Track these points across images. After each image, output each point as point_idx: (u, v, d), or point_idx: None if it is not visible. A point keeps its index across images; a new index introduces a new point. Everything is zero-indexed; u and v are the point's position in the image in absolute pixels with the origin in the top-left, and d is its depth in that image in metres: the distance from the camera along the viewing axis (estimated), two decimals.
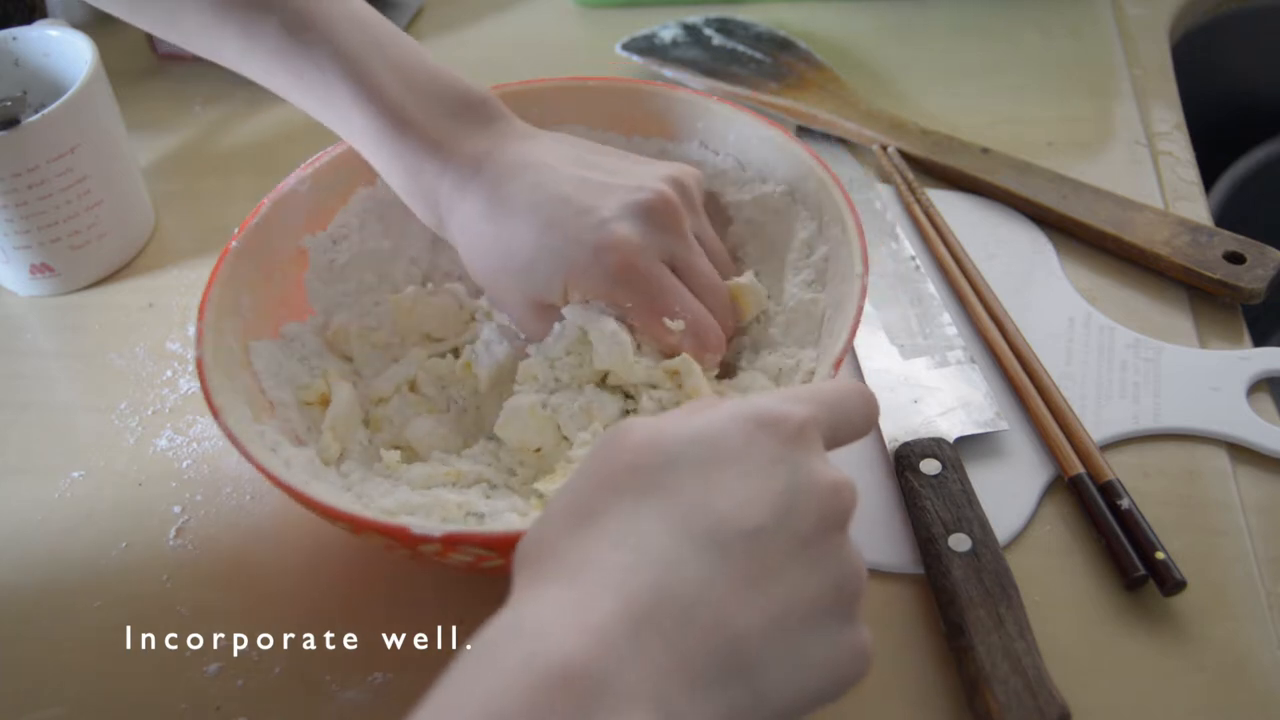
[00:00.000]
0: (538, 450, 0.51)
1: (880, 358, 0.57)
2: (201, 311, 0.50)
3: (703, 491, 0.35)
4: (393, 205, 0.57)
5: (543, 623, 0.32)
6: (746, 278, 0.53)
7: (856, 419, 0.40)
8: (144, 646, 0.50)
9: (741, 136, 0.58)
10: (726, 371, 0.53)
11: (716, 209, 0.58)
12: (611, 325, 0.49)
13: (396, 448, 0.53)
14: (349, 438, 0.52)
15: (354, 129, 0.52)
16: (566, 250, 0.49)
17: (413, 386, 0.55)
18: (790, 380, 0.51)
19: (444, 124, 0.52)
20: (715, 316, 0.51)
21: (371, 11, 0.53)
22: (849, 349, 0.47)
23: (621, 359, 0.49)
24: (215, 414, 0.47)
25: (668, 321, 0.49)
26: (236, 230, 0.53)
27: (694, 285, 0.51)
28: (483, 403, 0.54)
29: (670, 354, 0.50)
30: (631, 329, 0.50)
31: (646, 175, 0.51)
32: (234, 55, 0.53)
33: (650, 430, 0.37)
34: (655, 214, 0.50)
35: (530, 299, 0.51)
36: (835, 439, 0.39)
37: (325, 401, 0.53)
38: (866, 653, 0.36)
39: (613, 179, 0.51)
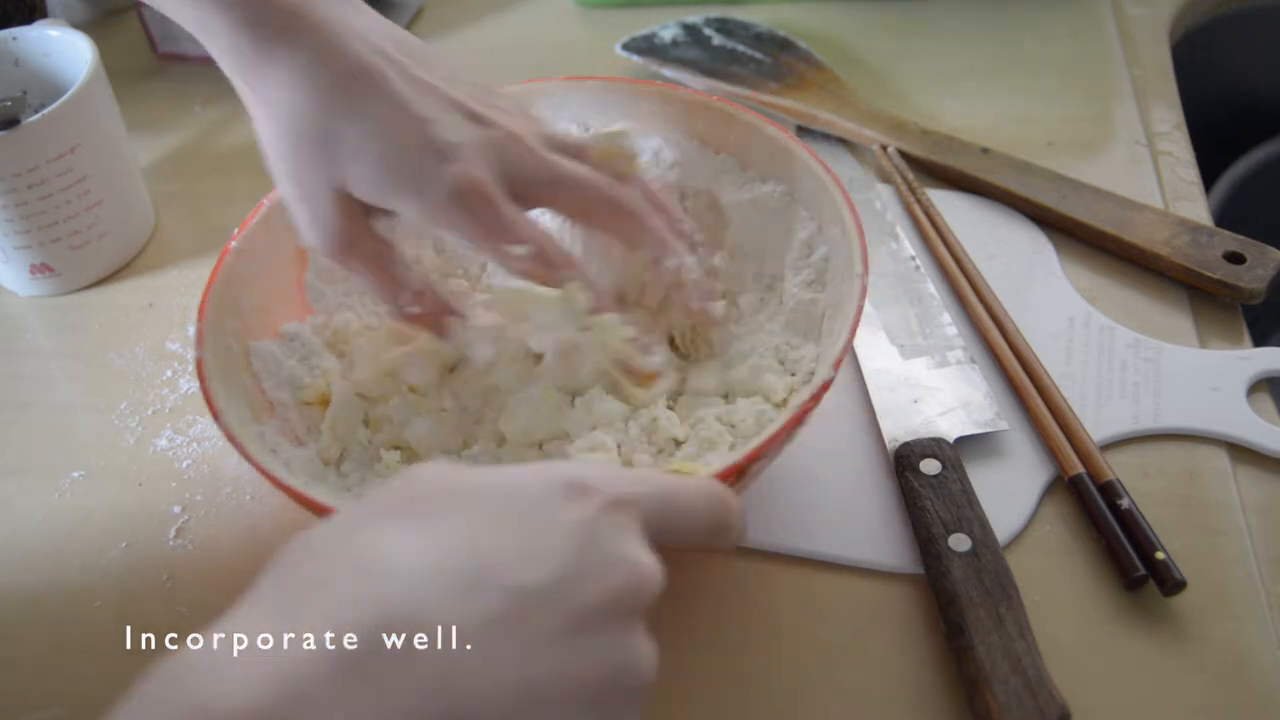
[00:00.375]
0: (540, 446, 0.51)
1: (880, 358, 0.57)
2: (201, 311, 0.50)
3: (475, 534, 0.32)
4: None
5: (225, 661, 0.28)
6: (595, 133, 0.52)
7: (698, 515, 0.37)
8: (144, 646, 0.50)
9: (741, 135, 0.58)
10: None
11: (715, 209, 0.58)
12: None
13: (396, 448, 0.53)
14: (349, 438, 0.52)
15: (189, 19, 0.49)
16: (401, 162, 0.46)
17: (412, 386, 0.54)
18: (793, 367, 0.52)
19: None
20: (586, 197, 0.49)
21: None
22: (849, 349, 0.47)
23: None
24: (215, 415, 0.46)
25: (510, 248, 0.47)
26: (236, 230, 0.53)
27: (550, 190, 0.49)
28: (484, 401, 0.54)
29: (527, 279, 0.49)
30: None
31: (488, 101, 0.49)
32: None
33: (449, 470, 0.34)
34: (504, 140, 0.48)
35: (338, 192, 0.48)
36: (665, 531, 0.36)
37: (325, 401, 0.53)
38: None
39: (456, 94, 0.48)
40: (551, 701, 0.30)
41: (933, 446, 0.51)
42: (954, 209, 0.65)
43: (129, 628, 0.50)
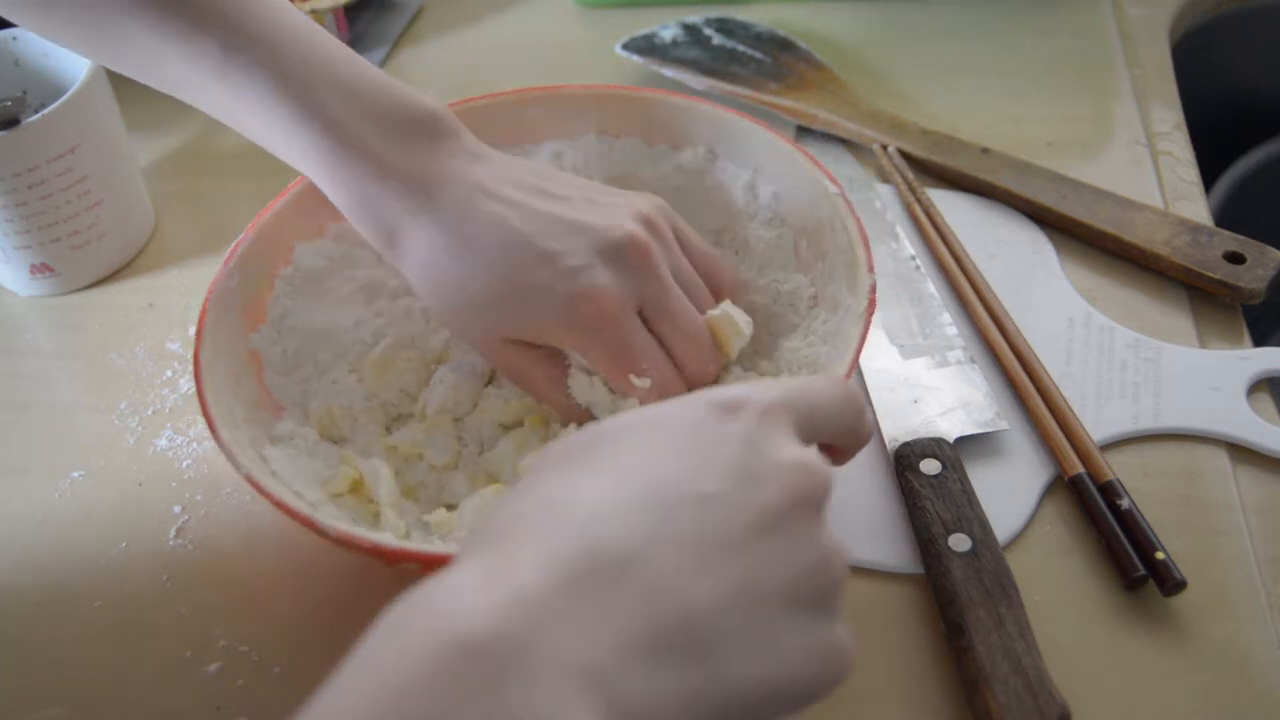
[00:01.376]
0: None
1: (880, 358, 0.57)
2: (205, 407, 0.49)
3: (645, 456, 0.33)
4: (313, 277, 0.56)
5: (452, 593, 0.30)
6: (723, 309, 0.51)
7: (837, 410, 0.38)
8: (144, 646, 0.50)
9: (642, 113, 0.59)
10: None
11: (720, 238, 0.59)
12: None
13: (446, 506, 0.51)
14: (405, 510, 0.51)
15: (296, 151, 0.50)
16: (533, 296, 0.48)
17: (421, 455, 0.53)
18: (791, 299, 0.53)
19: (389, 141, 0.49)
20: (690, 364, 0.50)
21: (314, 27, 0.51)
22: (856, 363, 0.47)
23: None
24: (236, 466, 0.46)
25: (634, 379, 0.48)
26: (195, 332, 0.51)
27: (668, 332, 0.49)
28: (484, 441, 0.54)
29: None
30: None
31: (615, 213, 0.49)
32: (178, 81, 0.52)
33: (607, 420, 0.36)
34: (628, 257, 0.48)
35: (495, 337, 0.50)
36: (813, 430, 0.37)
37: (357, 487, 0.51)
38: (845, 654, 0.33)
39: (579, 216, 0.49)
40: (755, 597, 0.32)
41: (933, 446, 0.51)
42: (954, 209, 0.65)
43: (129, 628, 0.50)
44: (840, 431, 0.39)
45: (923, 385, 0.55)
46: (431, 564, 0.42)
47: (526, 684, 0.28)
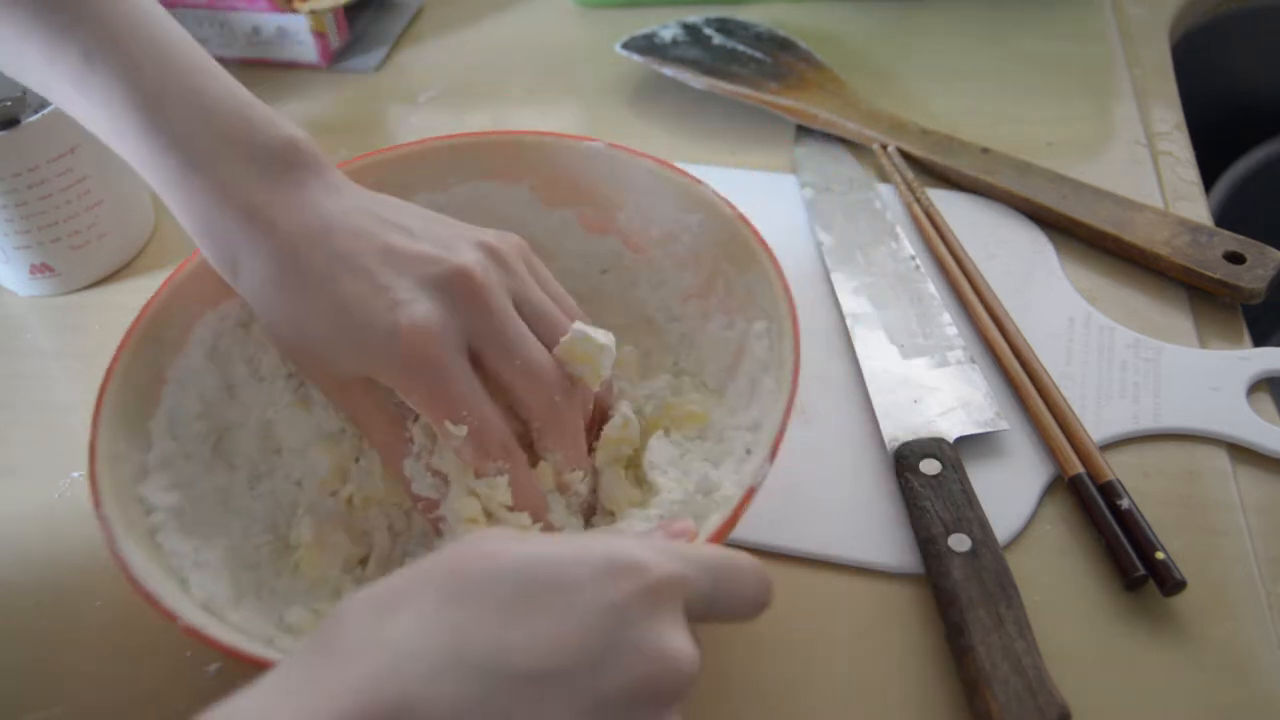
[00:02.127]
0: None
1: (880, 358, 0.57)
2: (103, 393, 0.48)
3: (503, 618, 0.32)
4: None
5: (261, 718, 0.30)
6: (574, 330, 0.47)
7: (745, 594, 0.37)
8: (144, 646, 0.50)
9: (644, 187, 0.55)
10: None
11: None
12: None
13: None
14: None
15: (146, 166, 0.47)
16: (361, 334, 0.45)
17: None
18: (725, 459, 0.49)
19: (239, 167, 0.46)
20: (531, 400, 0.47)
21: (185, 40, 0.49)
22: (785, 427, 0.45)
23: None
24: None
25: (449, 425, 0.45)
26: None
27: (503, 368, 0.46)
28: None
29: (458, 457, 0.46)
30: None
31: (454, 243, 0.47)
32: (41, 85, 0.50)
33: (499, 544, 0.34)
34: (457, 289, 0.45)
35: (334, 378, 0.48)
36: (711, 610, 0.36)
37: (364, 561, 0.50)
38: None
39: (415, 246, 0.46)
40: None
41: (933, 446, 0.51)
42: (954, 209, 0.65)
43: (129, 628, 0.50)
44: (742, 613, 0.38)
45: (923, 385, 0.55)
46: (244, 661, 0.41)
47: None
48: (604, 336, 0.48)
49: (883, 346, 0.57)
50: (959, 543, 0.47)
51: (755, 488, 0.43)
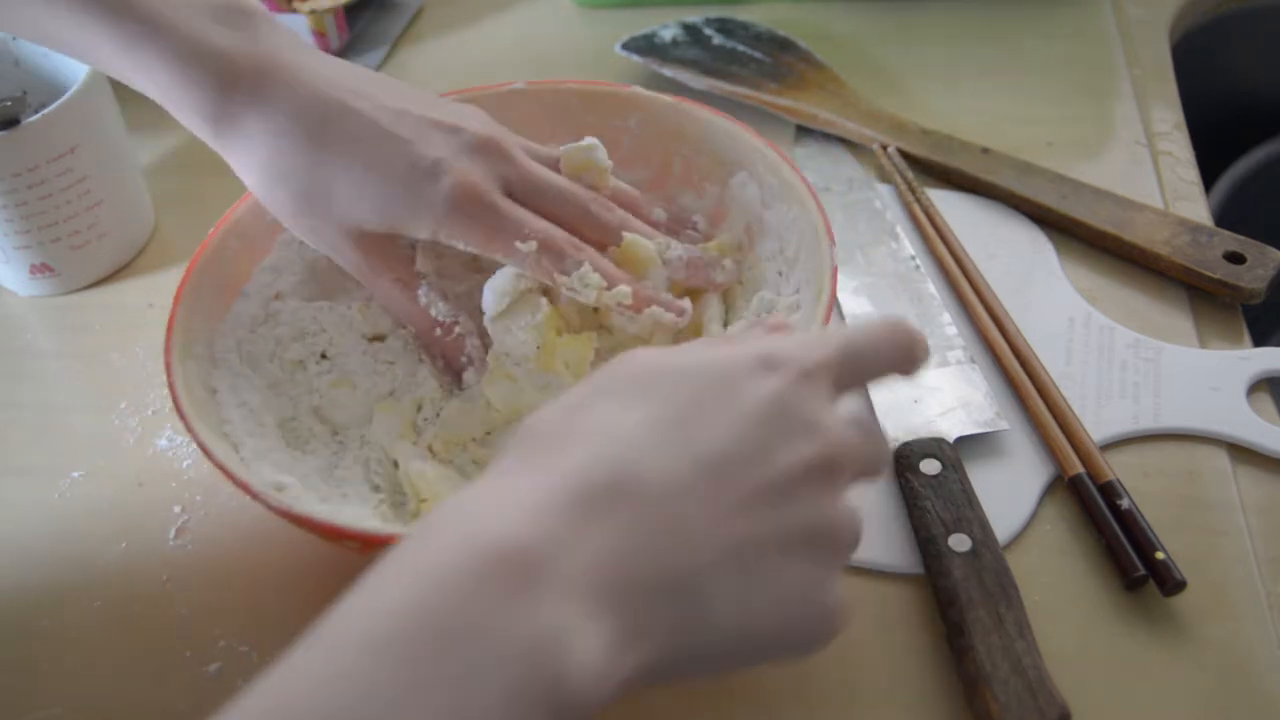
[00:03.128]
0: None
1: None
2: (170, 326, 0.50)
3: (691, 408, 0.35)
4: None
5: (489, 503, 0.33)
6: (564, 147, 0.54)
7: (885, 356, 0.40)
8: (144, 647, 0.50)
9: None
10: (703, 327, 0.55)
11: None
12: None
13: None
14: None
15: (106, 49, 0.50)
16: (396, 188, 0.49)
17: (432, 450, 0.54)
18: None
19: (207, 23, 0.50)
20: (578, 224, 0.52)
21: None
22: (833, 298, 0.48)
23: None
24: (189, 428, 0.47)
25: (518, 244, 0.50)
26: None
27: (536, 199, 0.52)
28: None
29: (534, 275, 0.51)
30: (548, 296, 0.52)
31: (464, 118, 0.52)
32: (49, 34, 0.52)
33: (658, 354, 0.38)
34: (484, 150, 0.51)
35: (347, 230, 0.51)
36: (858, 379, 0.39)
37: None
38: (833, 617, 0.35)
39: (433, 114, 0.51)
40: (755, 550, 0.34)
41: (933, 446, 0.51)
42: (954, 209, 0.65)
43: (129, 628, 0.50)
44: (889, 371, 0.40)
45: (923, 385, 0.55)
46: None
47: (546, 595, 0.30)
48: (587, 140, 0.54)
49: None
50: (959, 543, 0.47)
51: (835, 267, 0.49)
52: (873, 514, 0.51)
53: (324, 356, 0.55)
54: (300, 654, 0.30)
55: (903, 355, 0.40)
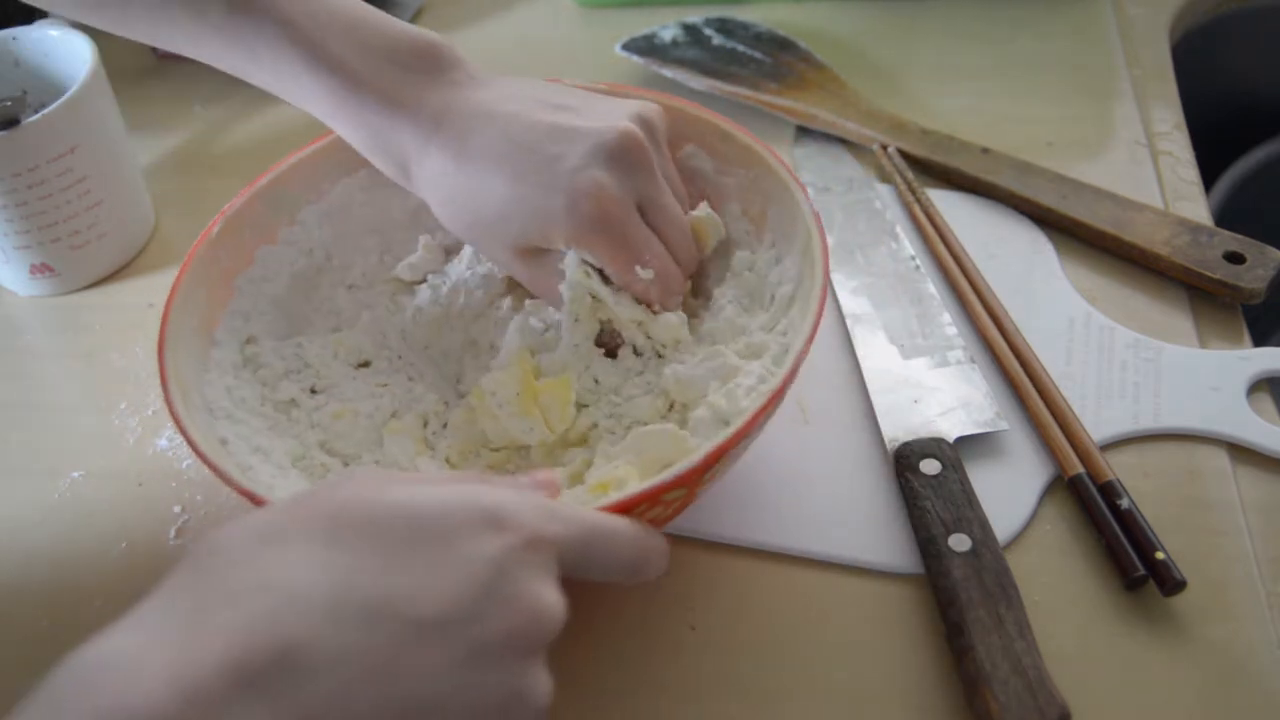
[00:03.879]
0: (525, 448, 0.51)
1: (880, 358, 0.57)
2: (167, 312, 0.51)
3: (385, 564, 0.33)
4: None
5: (131, 662, 0.30)
6: (703, 210, 0.54)
7: (619, 558, 0.39)
8: None
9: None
10: (697, 289, 0.56)
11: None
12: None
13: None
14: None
15: (309, 95, 0.52)
16: (539, 200, 0.49)
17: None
18: (764, 301, 0.53)
19: (396, 78, 0.51)
20: (680, 254, 0.52)
21: None
22: (826, 281, 0.48)
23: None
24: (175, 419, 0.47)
25: (639, 270, 0.50)
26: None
27: (661, 225, 0.51)
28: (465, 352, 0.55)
29: (639, 299, 0.51)
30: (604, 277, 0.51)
31: (612, 114, 0.51)
32: (185, 40, 0.53)
33: (376, 487, 0.35)
34: (625, 155, 0.50)
35: (510, 247, 0.52)
36: (582, 569, 0.38)
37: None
38: None
39: (578, 121, 0.50)
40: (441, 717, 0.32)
41: (933, 446, 0.51)
42: (954, 209, 0.65)
43: None
44: (617, 575, 0.39)
45: (923, 385, 0.55)
46: None
47: None
48: (719, 219, 0.55)
49: (883, 346, 0.57)
50: (959, 543, 0.47)
51: (817, 214, 0.50)
52: (873, 514, 0.51)
53: (314, 391, 0.55)
54: None
55: (638, 565, 0.39)
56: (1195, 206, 0.64)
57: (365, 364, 0.56)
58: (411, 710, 0.32)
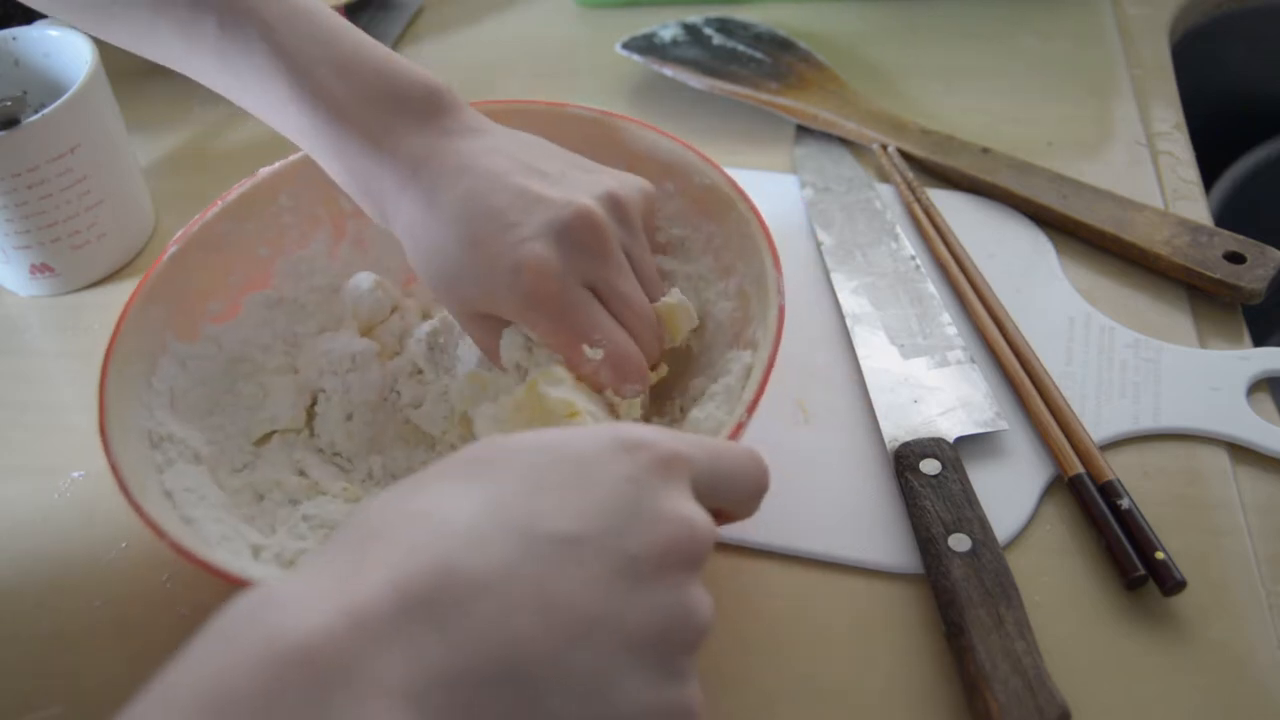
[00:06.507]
0: None
1: (880, 358, 0.57)
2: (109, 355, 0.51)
3: (529, 486, 0.33)
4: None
5: (297, 596, 0.30)
6: (674, 296, 0.51)
7: (745, 477, 0.39)
8: (144, 646, 0.50)
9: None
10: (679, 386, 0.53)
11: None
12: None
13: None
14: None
15: (291, 126, 0.51)
16: (486, 267, 0.47)
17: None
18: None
19: (384, 119, 0.49)
20: (640, 343, 0.49)
21: (315, 3, 0.51)
22: (776, 352, 0.47)
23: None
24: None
25: (586, 349, 0.47)
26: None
27: (618, 311, 0.48)
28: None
29: (590, 383, 0.48)
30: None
31: (582, 188, 0.49)
32: (176, 56, 0.52)
33: (509, 435, 0.35)
34: (576, 234, 0.47)
35: (459, 310, 0.50)
36: (711, 493, 0.37)
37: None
38: (688, 717, 0.33)
39: (548, 191, 0.48)
40: (603, 647, 0.31)
41: (933, 446, 0.51)
42: (954, 209, 0.65)
43: (129, 628, 0.50)
44: (737, 502, 0.39)
45: (923, 385, 0.55)
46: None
47: (349, 703, 0.28)
48: (691, 307, 0.52)
49: (883, 346, 0.57)
50: (959, 542, 0.47)
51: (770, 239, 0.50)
52: (873, 514, 0.51)
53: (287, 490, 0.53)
54: None
55: (754, 492, 0.39)
56: (1195, 206, 0.64)
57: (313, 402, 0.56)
58: (576, 631, 0.31)
